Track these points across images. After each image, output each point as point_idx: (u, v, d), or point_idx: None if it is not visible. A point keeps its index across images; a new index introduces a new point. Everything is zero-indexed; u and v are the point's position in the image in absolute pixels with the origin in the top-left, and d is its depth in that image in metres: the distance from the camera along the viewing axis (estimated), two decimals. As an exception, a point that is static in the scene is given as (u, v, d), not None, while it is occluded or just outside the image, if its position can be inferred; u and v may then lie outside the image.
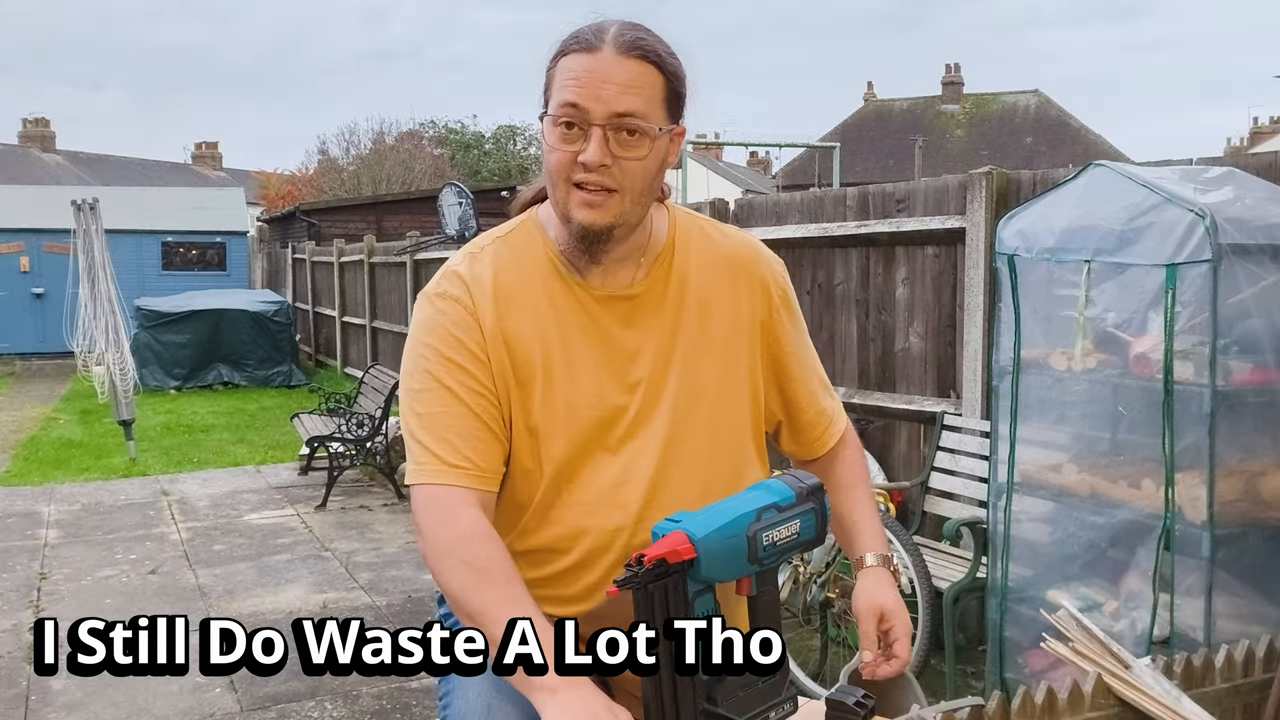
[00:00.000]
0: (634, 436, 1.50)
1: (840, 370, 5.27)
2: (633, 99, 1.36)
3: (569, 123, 1.37)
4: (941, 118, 32.55)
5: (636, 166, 1.39)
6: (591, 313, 1.49)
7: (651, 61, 1.38)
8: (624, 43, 1.37)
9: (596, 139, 1.36)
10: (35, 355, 16.51)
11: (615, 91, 1.35)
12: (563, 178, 1.39)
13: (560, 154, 1.38)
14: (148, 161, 38.34)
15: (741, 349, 1.58)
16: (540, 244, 1.50)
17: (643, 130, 1.37)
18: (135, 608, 4.98)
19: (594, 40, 1.38)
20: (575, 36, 1.40)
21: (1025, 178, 4.26)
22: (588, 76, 1.36)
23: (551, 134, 1.38)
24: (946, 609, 3.62)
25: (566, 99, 1.36)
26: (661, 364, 1.51)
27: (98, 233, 9.49)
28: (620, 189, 1.39)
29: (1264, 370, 2.78)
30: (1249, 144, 32.91)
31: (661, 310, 1.51)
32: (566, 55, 1.39)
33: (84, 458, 8.85)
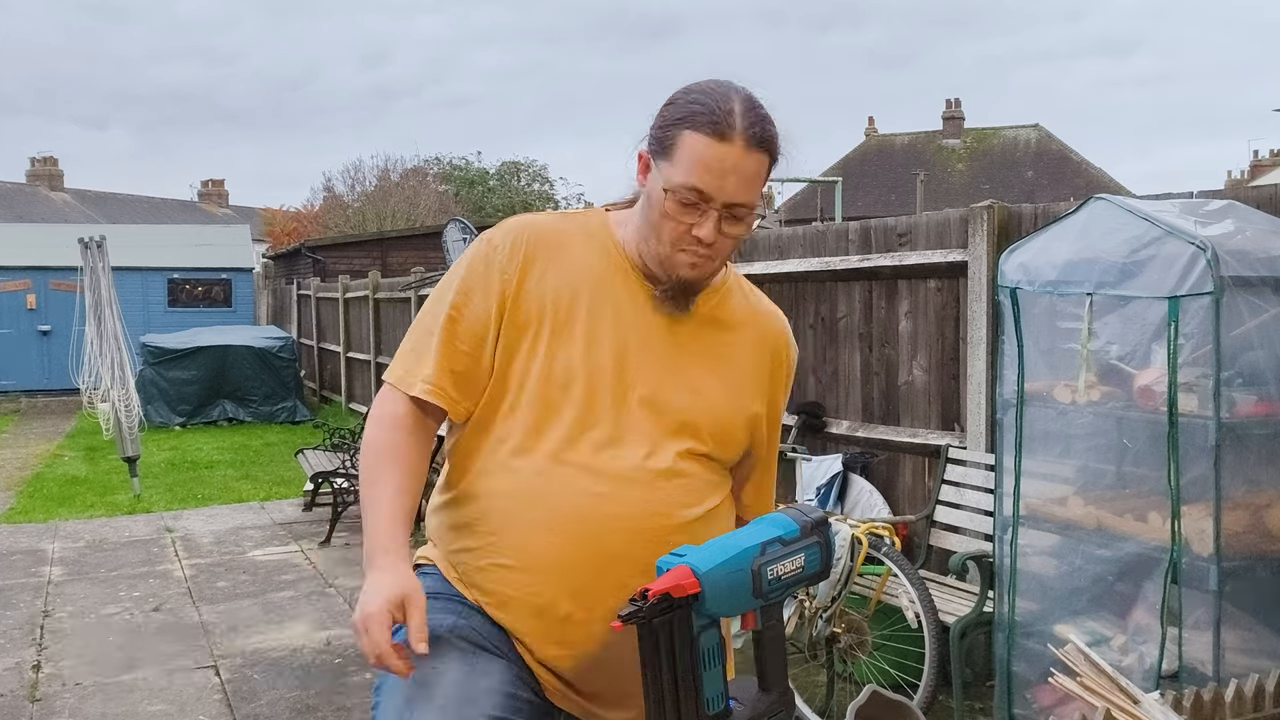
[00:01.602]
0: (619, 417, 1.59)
1: (844, 404, 5.27)
2: (749, 192, 1.53)
3: (691, 203, 1.51)
4: (942, 152, 32.71)
5: (733, 241, 1.57)
6: (633, 300, 1.62)
7: (769, 153, 1.54)
8: (753, 137, 1.51)
9: (712, 222, 1.52)
10: (41, 392, 16.53)
11: (737, 184, 1.51)
12: (672, 243, 1.55)
13: (676, 225, 1.54)
14: (154, 199, 38.58)
15: (751, 404, 1.71)
16: (602, 229, 1.66)
17: (749, 215, 1.56)
18: (138, 645, 4.96)
19: (725, 126, 1.49)
20: (704, 111, 1.51)
21: (1027, 211, 4.28)
22: (719, 167, 1.49)
23: (670, 203, 1.53)
24: (953, 644, 3.60)
25: (694, 184, 1.50)
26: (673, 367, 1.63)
27: (104, 270, 9.53)
28: (718, 256, 1.58)
29: (1268, 402, 2.78)
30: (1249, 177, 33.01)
31: (699, 326, 1.66)
32: (696, 132, 1.50)
33: (88, 494, 8.84)
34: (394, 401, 1.62)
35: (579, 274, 1.61)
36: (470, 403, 1.62)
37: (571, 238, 1.65)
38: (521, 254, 1.60)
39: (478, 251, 1.64)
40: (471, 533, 1.62)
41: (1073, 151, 31.62)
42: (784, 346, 1.77)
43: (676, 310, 1.64)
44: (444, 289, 1.65)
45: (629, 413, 1.59)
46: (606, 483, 1.55)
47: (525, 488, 1.56)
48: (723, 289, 1.71)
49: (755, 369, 1.72)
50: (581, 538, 1.54)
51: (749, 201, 1.53)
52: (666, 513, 1.57)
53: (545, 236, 1.63)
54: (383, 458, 1.58)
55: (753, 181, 1.53)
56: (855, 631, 3.87)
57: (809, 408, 5.30)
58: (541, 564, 1.55)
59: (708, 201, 1.51)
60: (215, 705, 4.24)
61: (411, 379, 1.61)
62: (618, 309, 1.61)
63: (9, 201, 31.97)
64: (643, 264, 1.62)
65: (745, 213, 1.54)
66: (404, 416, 1.60)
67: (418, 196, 27.62)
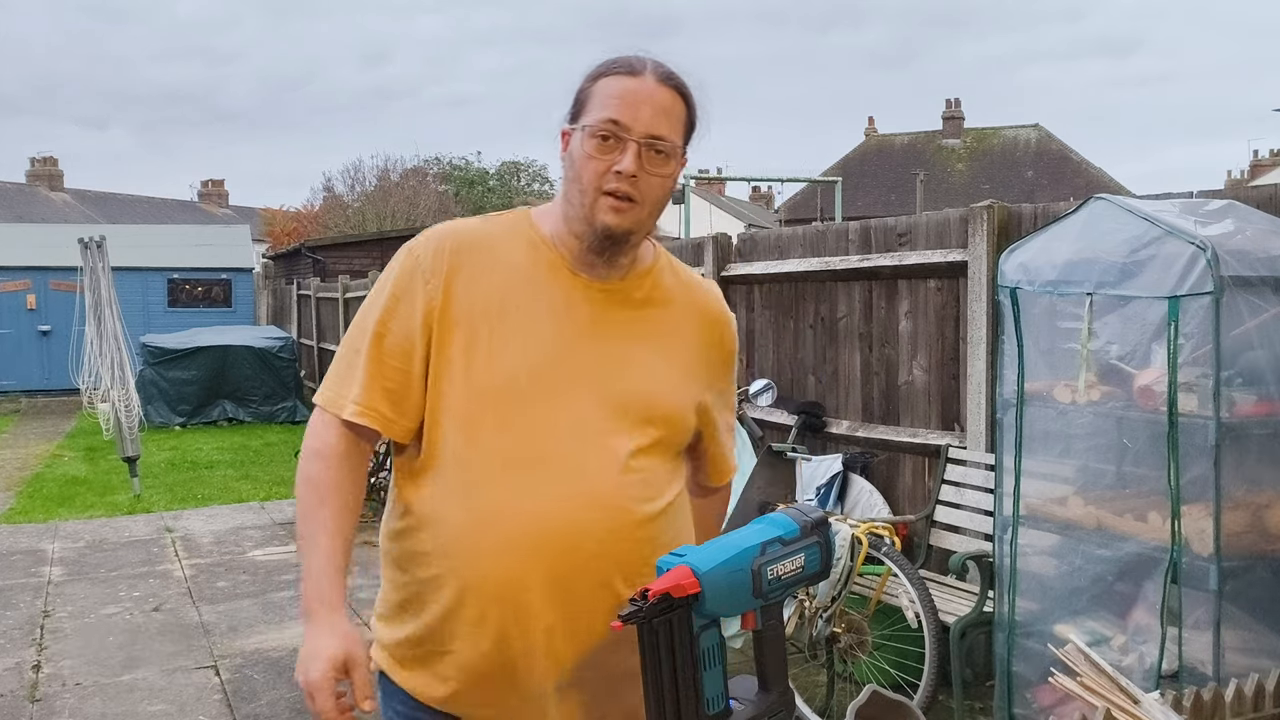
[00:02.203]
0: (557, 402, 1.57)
1: (844, 404, 5.27)
2: (665, 124, 1.54)
3: (607, 135, 1.52)
4: (942, 152, 32.72)
5: (658, 183, 1.56)
6: (566, 292, 1.60)
7: (682, 94, 1.58)
8: (662, 73, 1.56)
9: (632, 152, 1.52)
10: (41, 392, 16.52)
11: (652, 114, 1.53)
12: (594, 185, 1.54)
13: (597, 163, 1.53)
14: (154, 199, 38.57)
15: (694, 382, 1.69)
16: (526, 226, 1.64)
17: (669, 152, 1.55)
18: (138, 645, 4.96)
19: (636, 67, 1.56)
20: (617, 62, 1.58)
21: (1026, 211, 4.28)
22: (631, 97, 1.53)
23: (589, 144, 1.53)
24: (953, 644, 3.60)
25: (609, 115, 1.53)
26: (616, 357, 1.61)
27: (104, 270, 9.53)
28: (643, 201, 1.55)
29: (1268, 402, 2.78)
30: (1249, 177, 33.03)
31: (636, 310, 1.65)
32: (607, 77, 1.56)
33: (88, 495, 8.84)
34: (325, 430, 1.59)
35: (507, 275, 1.59)
36: (408, 420, 1.58)
37: (496, 239, 1.62)
38: (446, 262, 1.57)
39: (402, 263, 1.60)
40: (427, 561, 1.57)
41: (1073, 151, 31.62)
42: (724, 325, 1.76)
43: (606, 271, 1.61)
44: (370, 304, 1.62)
45: (577, 409, 1.55)
46: (567, 484, 1.52)
47: (483, 503, 1.52)
48: (654, 269, 1.69)
49: (697, 346, 1.70)
50: (552, 544, 1.51)
51: (667, 134, 1.54)
52: (629, 508, 1.55)
53: (469, 241, 1.60)
54: (316, 496, 1.57)
55: (667, 114, 1.54)
56: (855, 631, 3.87)
57: (809, 408, 5.30)
58: (514, 577, 1.51)
59: (626, 131, 1.51)
60: (215, 705, 4.24)
61: (341, 400, 1.58)
62: (552, 304, 1.59)
63: (9, 201, 31.96)
64: (575, 245, 1.59)
65: (667, 147, 1.54)
66: (335, 446, 1.57)
67: (418, 196, 27.61)
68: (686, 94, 1.58)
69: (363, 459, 1.61)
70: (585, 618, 1.53)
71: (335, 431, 1.58)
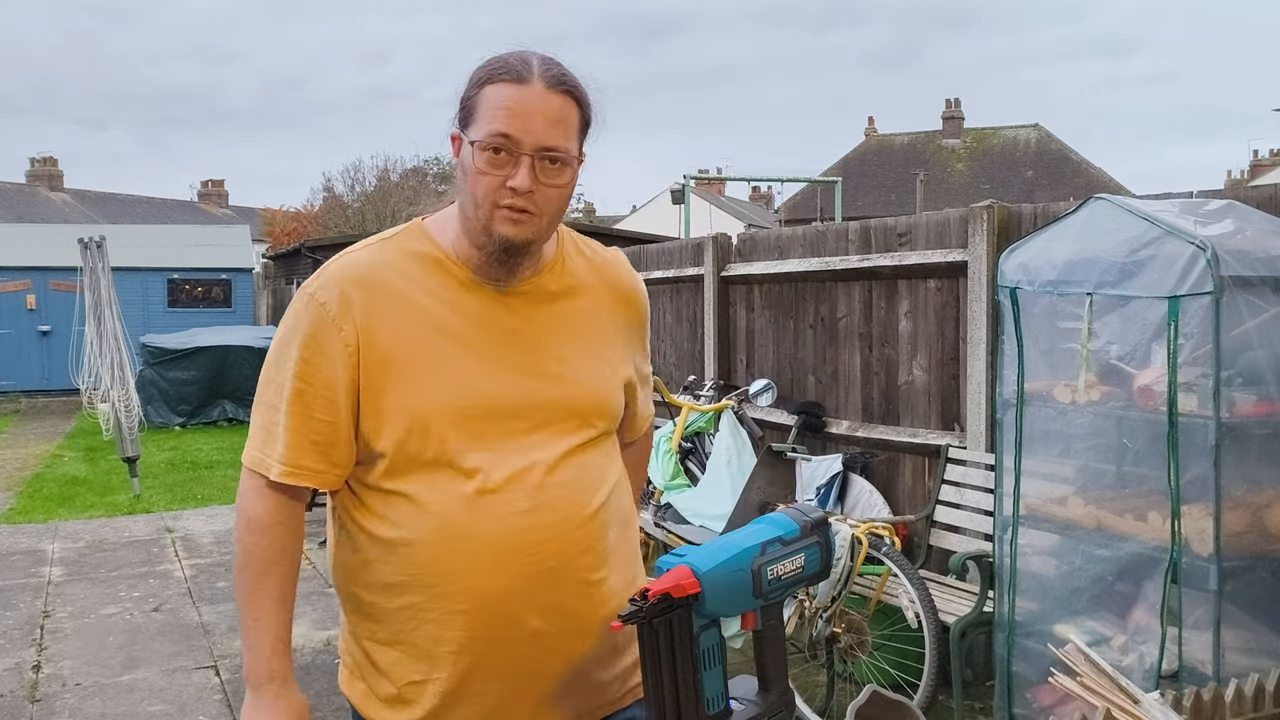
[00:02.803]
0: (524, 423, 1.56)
1: (844, 404, 5.27)
2: (558, 133, 1.48)
3: (498, 149, 1.46)
4: (942, 152, 32.73)
5: (555, 193, 1.51)
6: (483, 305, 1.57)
7: (574, 97, 1.51)
8: (551, 77, 1.48)
9: (525, 167, 1.46)
10: (41, 393, 16.51)
11: (544, 125, 1.47)
12: (489, 200, 1.49)
13: (489, 178, 1.48)
14: (154, 199, 38.57)
15: (622, 364, 1.70)
16: (422, 243, 1.59)
17: (564, 160, 1.49)
18: (139, 646, 4.96)
19: (522, 72, 1.47)
20: (502, 66, 1.49)
21: (1026, 211, 4.28)
22: (519, 108, 1.46)
23: (480, 159, 1.47)
24: (953, 644, 3.60)
25: (499, 129, 1.46)
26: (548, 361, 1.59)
27: (104, 270, 9.53)
28: (540, 212, 1.51)
29: (1268, 402, 2.78)
30: (1249, 176, 33.03)
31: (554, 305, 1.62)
32: (494, 84, 1.48)
33: (88, 495, 8.84)
34: (256, 498, 1.54)
35: (422, 301, 1.54)
36: (340, 469, 1.54)
37: (394, 264, 1.56)
38: (353, 302, 1.52)
39: (307, 311, 1.54)
40: (405, 590, 1.54)
41: (1073, 151, 31.63)
42: (636, 296, 1.75)
43: (513, 277, 1.57)
44: (280, 356, 1.55)
45: (520, 421, 1.55)
46: (521, 499, 1.52)
47: (450, 528, 1.50)
48: (561, 256, 1.66)
49: (616, 327, 1.70)
50: (522, 558, 1.51)
51: (560, 145, 1.48)
52: (580, 508, 1.56)
53: (368, 274, 1.54)
54: (257, 569, 1.53)
55: (560, 123, 1.48)
56: (855, 631, 3.87)
57: (809, 408, 5.30)
58: (493, 594, 1.51)
59: (517, 146, 1.46)
60: (215, 705, 4.24)
61: (267, 461, 1.53)
62: (473, 322, 1.55)
63: (9, 201, 31.96)
64: (476, 255, 1.55)
65: (561, 157, 1.48)
66: (270, 514, 1.54)
67: (418, 196, 27.60)
68: (579, 96, 1.51)
69: (298, 519, 1.57)
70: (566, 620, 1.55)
71: (267, 498, 1.53)
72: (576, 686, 1.59)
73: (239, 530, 1.56)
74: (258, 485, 1.54)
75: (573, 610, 1.55)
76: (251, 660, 1.53)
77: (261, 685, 1.53)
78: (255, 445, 1.56)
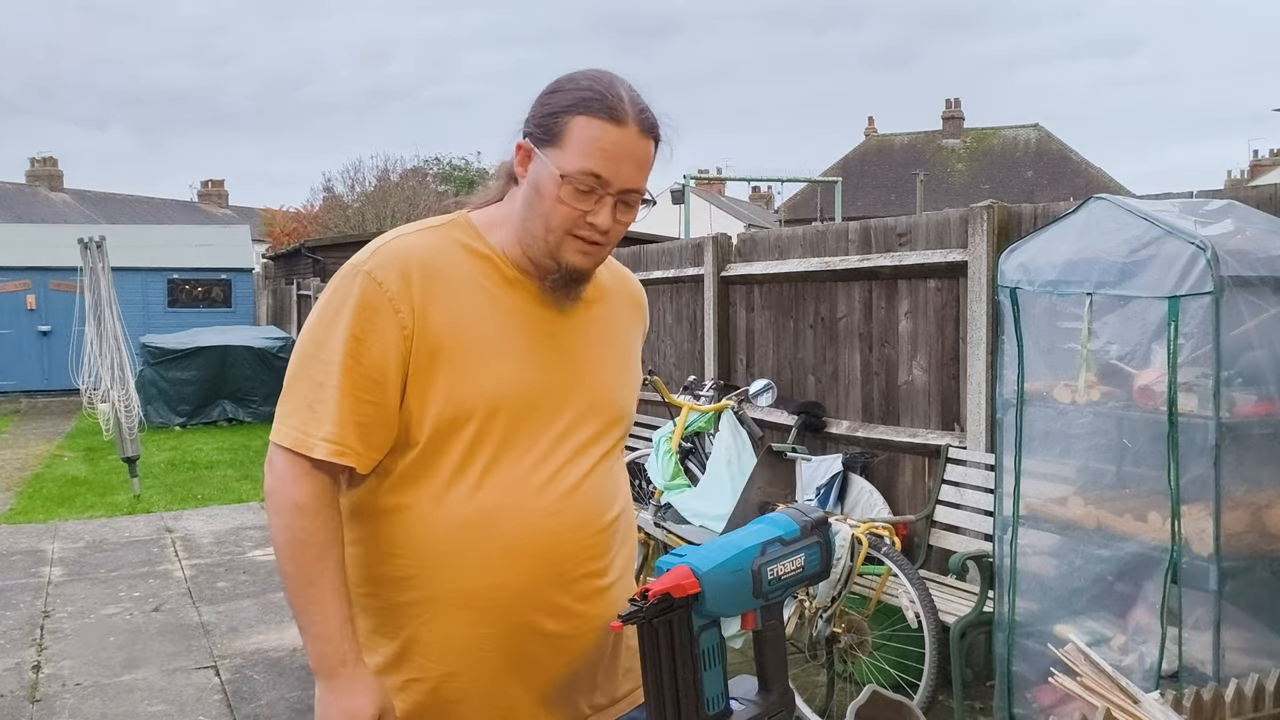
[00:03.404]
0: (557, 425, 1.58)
1: (844, 404, 5.27)
2: (642, 176, 1.53)
3: (588, 189, 1.49)
4: (942, 152, 32.73)
5: (622, 228, 1.56)
6: (527, 305, 1.59)
7: (657, 141, 1.55)
8: (644, 121, 1.52)
9: (608, 207, 1.51)
10: (41, 393, 16.50)
11: (632, 169, 1.51)
12: (565, 229, 1.52)
13: (570, 211, 1.50)
14: (154, 199, 38.57)
15: (637, 370, 1.77)
16: (471, 237, 1.60)
17: (639, 203, 1.56)
18: (139, 646, 4.96)
19: (619, 113, 1.49)
20: (598, 99, 1.49)
21: (1026, 211, 4.28)
22: (615, 150, 1.48)
23: (564, 190, 1.49)
24: (953, 644, 3.60)
25: (592, 169, 1.48)
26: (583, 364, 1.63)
27: (104, 270, 9.53)
28: (608, 244, 1.57)
29: (1268, 402, 2.78)
30: (1249, 176, 33.03)
31: (587, 310, 1.66)
32: (589, 116, 1.48)
33: (88, 495, 8.84)
34: (298, 478, 1.48)
35: (473, 294, 1.55)
36: (376, 454, 1.51)
37: (449, 254, 1.56)
38: (413, 284, 1.50)
39: (359, 288, 1.50)
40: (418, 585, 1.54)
41: (1072, 151, 31.63)
42: (643, 305, 1.82)
43: (566, 300, 1.61)
44: (327, 333, 1.50)
45: (558, 421, 1.56)
46: (548, 501, 1.53)
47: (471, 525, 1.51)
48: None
49: (631, 334, 1.75)
50: (541, 559, 1.52)
51: (641, 188, 1.54)
52: (600, 512, 1.58)
53: (427, 259, 1.54)
54: (313, 553, 1.48)
55: (645, 167, 1.53)
56: (855, 631, 3.87)
57: (809, 408, 5.30)
58: (509, 592, 1.51)
59: (605, 187, 1.49)
60: (215, 706, 4.24)
61: (310, 440, 1.47)
62: (518, 320, 1.57)
63: (9, 202, 31.96)
64: (525, 262, 1.58)
65: (637, 199, 1.54)
66: (317, 496, 1.48)
67: (417, 197, 27.60)
68: (659, 139, 1.56)
69: (336, 500, 1.53)
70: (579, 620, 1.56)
71: (312, 480, 1.48)
72: (580, 687, 1.60)
73: (284, 517, 1.48)
74: (300, 467, 1.48)
75: (582, 613, 1.56)
76: (321, 649, 1.48)
77: (336, 671, 1.48)
78: (295, 424, 1.49)
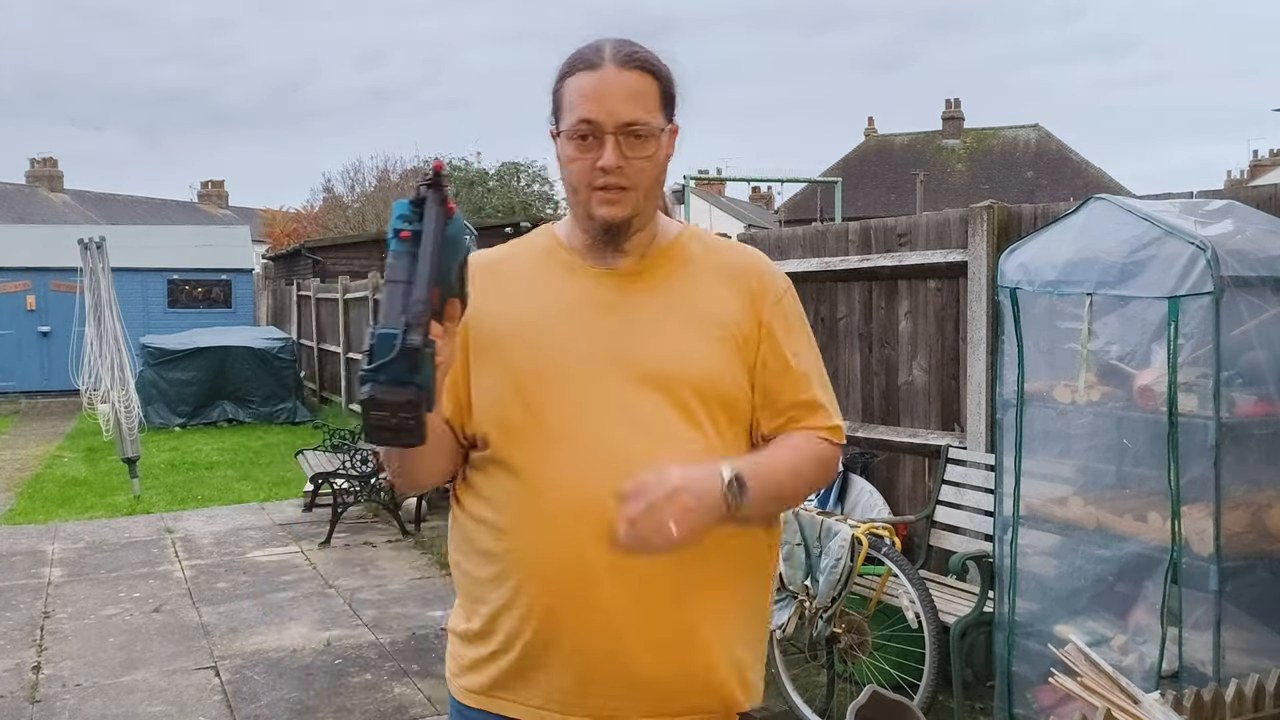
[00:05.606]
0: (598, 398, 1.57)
1: (844, 404, 5.27)
2: (636, 108, 1.54)
3: (584, 135, 1.54)
4: (942, 152, 32.72)
5: (646, 164, 1.56)
6: (581, 285, 1.63)
7: (648, 71, 1.57)
8: (621, 57, 1.55)
9: (611, 145, 1.53)
10: (40, 393, 16.51)
11: (621, 103, 1.53)
12: (584, 183, 1.56)
13: (580, 162, 1.55)
14: (154, 200, 38.55)
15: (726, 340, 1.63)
16: (545, 238, 1.70)
17: (648, 133, 1.55)
18: (139, 647, 4.96)
19: (595, 59, 1.55)
20: (577, 58, 1.57)
21: (1026, 211, 4.28)
22: (595, 92, 1.53)
23: (569, 147, 1.56)
24: (953, 644, 3.60)
25: (580, 115, 1.53)
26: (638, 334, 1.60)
27: (104, 271, 9.53)
28: (634, 186, 1.56)
29: (1268, 402, 2.78)
30: (1249, 177, 33.04)
31: (656, 287, 1.64)
32: (572, 76, 1.57)
33: (88, 496, 8.84)
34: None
35: (522, 280, 1.65)
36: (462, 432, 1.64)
37: (518, 257, 1.70)
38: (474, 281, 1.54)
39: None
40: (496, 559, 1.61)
41: (1072, 151, 31.62)
42: (754, 272, 1.69)
43: (620, 258, 1.62)
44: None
45: (604, 389, 1.57)
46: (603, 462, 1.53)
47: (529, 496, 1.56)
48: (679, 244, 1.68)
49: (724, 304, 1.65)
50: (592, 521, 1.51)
51: (640, 118, 1.54)
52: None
53: (489, 261, 1.67)
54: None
55: (637, 96, 1.54)
56: (855, 631, 3.86)
57: (809, 408, 5.29)
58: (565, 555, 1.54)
59: (600, 128, 1.53)
60: (215, 706, 4.24)
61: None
62: (565, 296, 1.62)
63: (9, 202, 31.95)
64: (581, 240, 1.64)
65: (644, 130, 1.54)
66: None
67: (417, 197, 27.55)
68: (653, 68, 1.57)
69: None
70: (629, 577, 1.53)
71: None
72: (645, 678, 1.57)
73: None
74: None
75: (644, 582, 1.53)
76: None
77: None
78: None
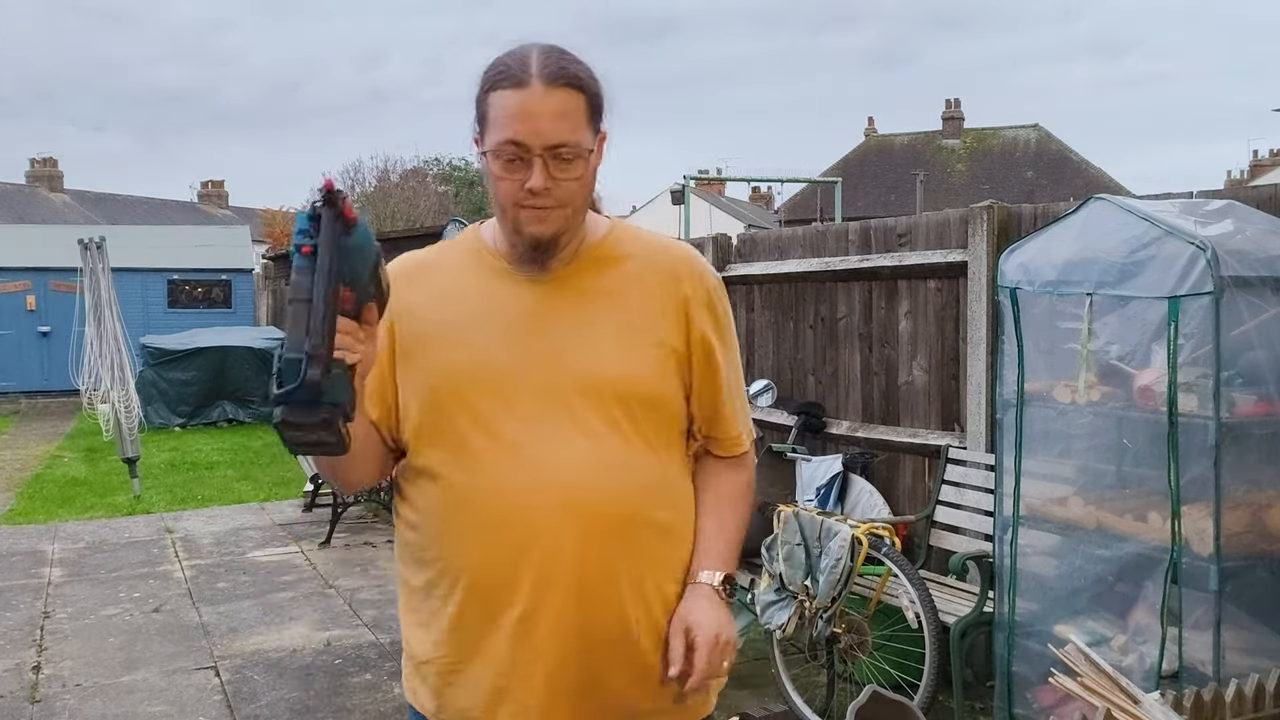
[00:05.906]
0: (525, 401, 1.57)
1: (844, 404, 5.27)
2: (564, 128, 1.50)
3: (510, 158, 1.50)
4: (942, 152, 32.73)
5: (574, 185, 1.53)
6: (508, 290, 1.61)
7: (575, 87, 1.51)
8: (549, 74, 1.49)
9: (538, 168, 1.49)
10: (41, 394, 16.49)
11: (548, 123, 1.49)
12: (511, 201, 1.53)
13: (508, 183, 1.52)
14: (154, 200, 38.53)
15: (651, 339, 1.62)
16: (473, 240, 1.68)
17: (576, 155, 1.51)
18: (139, 647, 4.96)
19: (521, 75, 1.49)
20: (502, 71, 1.51)
21: (1026, 211, 4.28)
22: (521, 111, 1.48)
23: (495, 165, 1.52)
24: (953, 644, 3.60)
25: (506, 137, 1.49)
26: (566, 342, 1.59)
27: (104, 271, 9.53)
28: (562, 204, 1.53)
29: (1268, 402, 2.78)
30: (1249, 177, 33.04)
31: (585, 292, 1.62)
32: (496, 92, 1.51)
33: (88, 496, 8.84)
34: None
35: (449, 283, 1.64)
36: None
37: (443, 258, 1.69)
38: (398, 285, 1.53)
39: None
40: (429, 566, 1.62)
41: (1072, 151, 31.62)
42: (684, 271, 1.65)
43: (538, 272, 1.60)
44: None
45: (532, 399, 1.56)
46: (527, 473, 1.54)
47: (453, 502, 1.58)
48: (606, 242, 1.65)
49: (657, 303, 1.62)
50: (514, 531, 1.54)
51: (568, 140, 1.49)
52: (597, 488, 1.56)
53: (414, 264, 1.68)
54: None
55: (563, 117, 1.49)
56: (855, 631, 3.86)
57: (809, 408, 5.30)
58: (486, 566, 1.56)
59: (527, 150, 1.49)
60: (215, 706, 4.24)
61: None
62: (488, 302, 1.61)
63: (9, 202, 31.95)
64: (507, 248, 1.61)
65: (572, 152, 1.50)
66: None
67: (417, 197, 27.60)
68: (580, 83, 1.52)
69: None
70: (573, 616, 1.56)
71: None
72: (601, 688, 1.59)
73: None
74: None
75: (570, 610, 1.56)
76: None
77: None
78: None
